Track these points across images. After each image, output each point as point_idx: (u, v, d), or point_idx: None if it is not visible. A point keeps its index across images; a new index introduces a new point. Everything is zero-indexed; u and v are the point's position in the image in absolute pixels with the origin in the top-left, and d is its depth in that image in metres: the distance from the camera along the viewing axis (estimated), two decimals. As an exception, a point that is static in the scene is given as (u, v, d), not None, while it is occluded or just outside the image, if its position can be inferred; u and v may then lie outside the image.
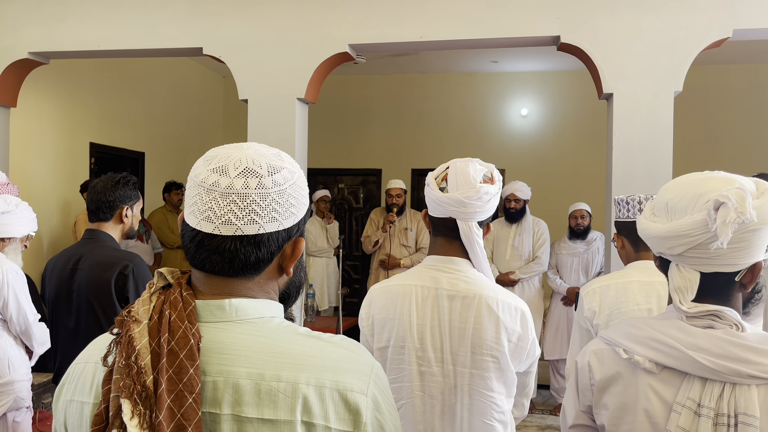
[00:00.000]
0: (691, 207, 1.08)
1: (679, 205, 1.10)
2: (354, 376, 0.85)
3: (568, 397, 1.25)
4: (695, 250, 1.07)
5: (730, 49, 4.93)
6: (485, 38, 3.68)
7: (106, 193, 2.36)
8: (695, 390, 1.05)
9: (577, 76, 6.76)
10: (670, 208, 1.11)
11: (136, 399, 0.79)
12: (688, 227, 1.06)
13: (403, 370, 1.60)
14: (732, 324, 1.06)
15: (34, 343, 2.71)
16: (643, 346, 1.10)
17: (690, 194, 1.09)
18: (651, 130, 3.50)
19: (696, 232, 1.05)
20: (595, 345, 1.21)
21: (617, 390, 1.13)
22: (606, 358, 1.16)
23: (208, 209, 0.86)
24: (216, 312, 0.87)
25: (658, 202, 1.15)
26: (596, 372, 1.17)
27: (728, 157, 6.54)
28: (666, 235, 1.09)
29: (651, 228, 1.13)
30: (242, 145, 0.92)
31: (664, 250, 1.11)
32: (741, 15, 3.40)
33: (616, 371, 1.14)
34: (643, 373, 1.10)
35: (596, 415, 1.18)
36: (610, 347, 1.17)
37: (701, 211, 1.06)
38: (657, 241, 1.12)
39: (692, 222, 1.06)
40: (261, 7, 3.90)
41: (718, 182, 1.08)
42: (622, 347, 1.13)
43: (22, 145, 4.88)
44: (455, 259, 1.61)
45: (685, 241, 1.07)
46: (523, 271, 4.85)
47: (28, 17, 4.14)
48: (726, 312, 1.06)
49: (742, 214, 1.01)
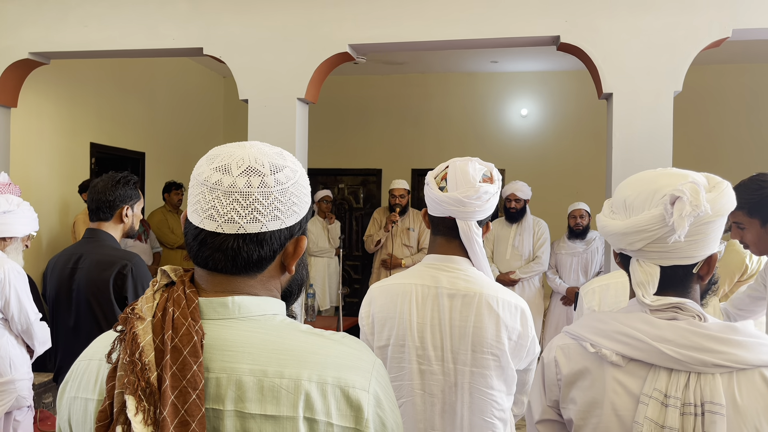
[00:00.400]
0: (648, 203, 1.11)
1: (636, 202, 1.13)
2: (356, 372, 0.86)
3: (533, 392, 1.26)
4: (654, 245, 1.10)
5: (730, 48, 4.94)
6: (485, 38, 3.69)
7: (107, 193, 2.37)
8: (662, 381, 1.07)
9: (576, 76, 6.77)
10: (628, 205, 1.14)
11: (140, 395, 0.79)
12: (646, 222, 1.09)
13: (403, 368, 1.61)
14: (694, 315, 1.09)
15: (35, 342, 2.72)
16: (610, 339, 1.11)
17: (646, 190, 1.12)
18: (651, 130, 3.50)
19: (654, 227, 1.08)
20: (561, 340, 1.22)
21: (585, 384, 1.14)
22: (573, 353, 1.17)
23: (211, 207, 0.87)
24: (219, 309, 0.88)
25: (616, 200, 1.19)
26: (563, 367, 1.18)
27: (727, 157, 6.55)
28: (625, 231, 1.12)
29: (610, 225, 1.16)
30: (245, 144, 0.93)
31: (624, 246, 1.14)
32: (740, 15, 3.40)
33: (584, 366, 1.15)
34: (609, 367, 1.11)
35: (563, 410, 1.19)
36: (576, 342, 1.18)
37: (658, 206, 1.09)
38: (617, 237, 1.14)
39: (650, 217, 1.09)
40: (261, 7, 3.91)
41: (672, 178, 1.12)
42: (589, 341, 1.14)
43: (23, 146, 4.88)
44: (455, 257, 1.62)
45: (644, 236, 1.10)
46: (524, 270, 4.86)
47: (29, 17, 4.15)
48: (688, 303, 1.09)
49: (696, 207, 1.05)
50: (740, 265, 2.93)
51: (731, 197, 1.10)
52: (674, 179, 1.11)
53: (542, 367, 1.23)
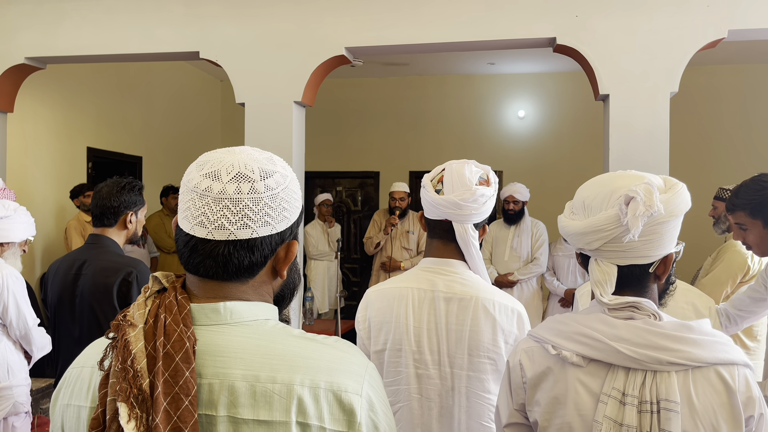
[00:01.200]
0: (605, 203, 1.14)
1: (594, 203, 1.16)
2: (348, 376, 0.86)
3: (501, 396, 1.27)
4: (611, 244, 1.13)
5: (726, 49, 4.95)
6: (481, 40, 3.69)
7: (111, 199, 2.35)
8: (619, 380, 1.09)
9: (573, 78, 6.78)
10: (587, 205, 1.18)
11: (132, 402, 0.79)
12: (602, 222, 1.12)
13: (400, 372, 1.60)
14: (650, 314, 1.11)
15: (33, 347, 2.71)
16: (570, 340, 1.14)
17: (603, 191, 1.16)
18: (647, 131, 3.50)
19: (610, 227, 1.11)
20: (525, 344, 1.24)
21: (548, 385, 1.16)
22: (536, 355, 1.19)
23: (201, 214, 0.87)
24: (211, 315, 0.88)
25: (576, 201, 1.22)
26: (527, 369, 1.20)
27: (723, 157, 6.56)
28: (583, 231, 1.15)
29: (569, 225, 1.19)
30: (234, 150, 0.92)
31: (582, 245, 1.17)
32: (736, 15, 3.41)
33: (547, 367, 1.17)
34: (571, 368, 1.14)
35: (529, 412, 1.20)
36: (539, 344, 1.20)
37: (614, 206, 1.12)
38: (576, 237, 1.17)
39: (606, 217, 1.12)
40: (257, 10, 3.91)
41: (629, 179, 1.15)
42: (551, 343, 1.16)
43: (20, 150, 4.88)
44: (451, 261, 1.61)
45: (601, 235, 1.12)
46: (522, 272, 4.86)
47: (25, 22, 4.15)
48: (644, 303, 1.11)
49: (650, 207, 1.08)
50: (742, 266, 2.94)
51: (686, 198, 1.13)
52: (631, 181, 1.14)
53: (508, 371, 1.25)
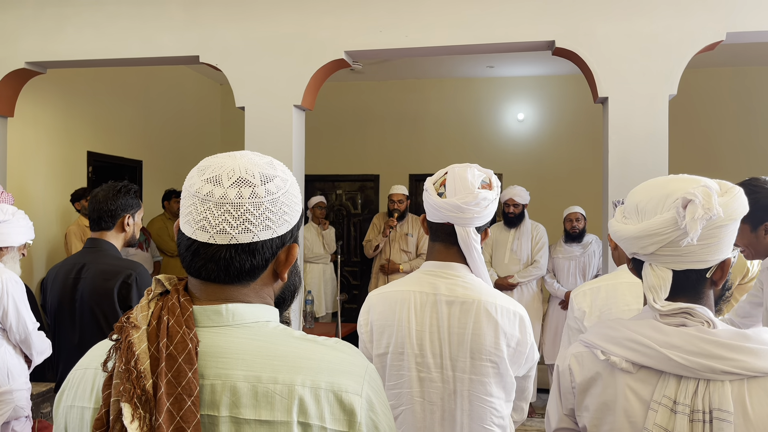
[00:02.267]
0: (660, 207, 1.12)
1: (649, 206, 1.14)
2: (348, 377, 0.87)
3: (551, 401, 1.26)
4: (667, 248, 1.10)
5: (724, 52, 4.96)
6: (480, 44, 3.70)
7: (108, 202, 2.37)
8: (671, 387, 1.07)
9: (573, 80, 6.79)
10: (640, 209, 1.15)
11: (136, 402, 0.80)
12: (658, 226, 1.10)
13: (402, 376, 1.60)
14: (704, 321, 1.09)
15: (33, 351, 2.71)
16: (620, 346, 1.12)
17: (658, 195, 1.13)
18: (646, 134, 3.51)
19: (667, 230, 1.09)
20: (575, 348, 1.23)
21: (597, 391, 1.15)
22: (585, 361, 1.19)
23: (203, 219, 0.88)
24: (213, 317, 0.89)
25: (628, 205, 1.20)
26: (576, 374, 1.19)
27: (723, 159, 6.57)
28: (638, 234, 1.13)
29: (623, 230, 1.17)
30: (235, 154, 0.94)
31: (637, 250, 1.15)
32: (734, 18, 3.42)
33: (596, 372, 1.16)
34: (621, 374, 1.12)
35: (578, 418, 1.20)
36: (588, 349, 1.19)
37: (670, 209, 1.10)
38: (630, 241, 1.15)
39: (662, 221, 1.10)
40: (257, 15, 3.92)
41: (684, 182, 1.13)
42: (600, 349, 1.15)
43: (20, 155, 4.88)
44: (453, 264, 1.62)
45: (657, 239, 1.10)
46: (522, 275, 4.86)
47: (25, 27, 4.15)
48: (698, 309, 1.09)
49: (709, 210, 1.06)
50: (742, 268, 2.98)
51: (743, 202, 1.11)
52: (686, 184, 1.12)
53: (557, 376, 1.24)
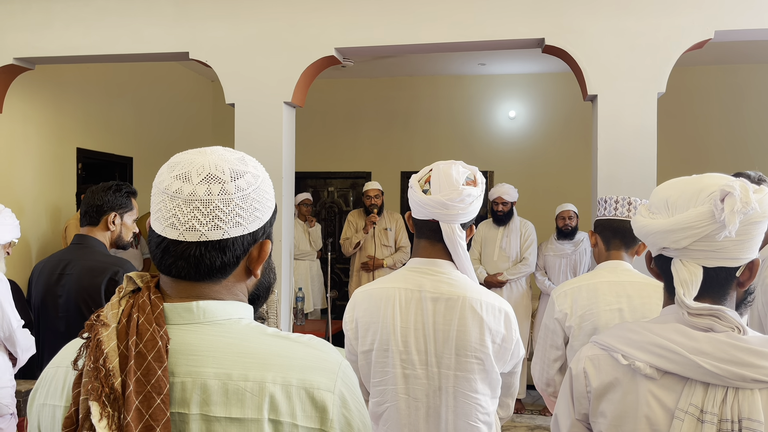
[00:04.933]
0: (693, 201, 1.09)
1: (680, 201, 1.11)
2: (320, 374, 0.87)
3: (561, 405, 1.21)
4: (701, 243, 1.07)
5: (713, 50, 4.99)
6: (470, 41, 3.70)
7: (94, 197, 2.35)
8: (698, 395, 1.04)
9: (564, 78, 6.80)
10: (671, 204, 1.12)
11: (104, 401, 0.80)
12: (693, 219, 1.07)
13: (387, 373, 1.61)
14: (734, 326, 1.05)
15: (18, 349, 2.69)
16: (644, 351, 1.08)
17: (690, 190, 1.11)
18: (635, 131, 3.53)
19: (702, 223, 1.06)
20: (589, 350, 1.17)
21: (616, 397, 1.11)
22: (603, 364, 1.14)
23: (172, 216, 0.88)
24: (184, 314, 0.89)
25: (656, 201, 1.16)
26: (593, 379, 1.14)
27: (711, 157, 6.60)
28: (671, 228, 1.09)
29: (651, 224, 1.13)
30: (206, 150, 0.93)
31: (668, 244, 1.11)
32: (722, 16, 3.44)
33: (614, 377, 1.11)
34: (643, 379, 1.08)
35: (593, 424, 1.15)
36: (606, 353, 1.14)
37: (704, 203, 1.07)
38: (660, 236, 1.11)
39: (697, 213, 1.07)
40: (247, 11, 3.91)
41: (717, 178, 1.11)
42: (621, 352, 1.11)
43: (9, 151, 4.85)
44: (438, 261, 1.62)
45: (692, 233, 1.07)
46: (511, 272, 4.88)
47: (13, 23, 4.12)
48: (728, 313, 1.05)
49: (746, 204, 1.04)
50: None
51: None
52: (719, 180, 1.10)
53: (570, 379, 1.19)
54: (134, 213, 2.45)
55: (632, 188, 3.46)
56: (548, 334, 2.06)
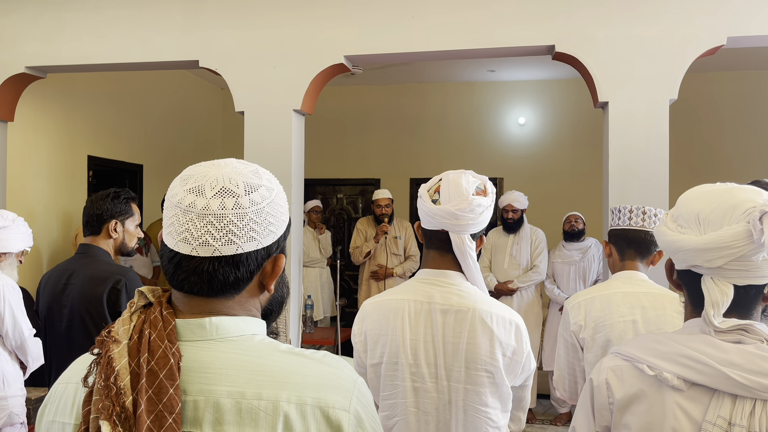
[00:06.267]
0: (727, 218, 1.06)
1: (713, 217, 1.07)
2: (336, 392, 0.85)
3: (580, 417, 1.19)
4: (736, 262, 1.05)
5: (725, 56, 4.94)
6: (479, 48, 3.69)
7: (94, 207, 2.35)
8: (726, 407, 1.02)
9: (574, 85, 6.77)
10: (702, 219, 1.08)
11: (115, 420, 0.78)
12: (730, 239, 1.04)
13: (396, 386, 1.58)
14: (763, 339, 1.04)
15: (29, 358, 2.70)
16: (671, 362, 1.06)
17: (724, 205, 1.07)
18: (647, 138, 3.49)
19: (738, 243, 1.03)
20: (611, 361, 1.15)
21: (641, 409, 1.08)
22: (627, 375, 1.11)
23: (185, 231, 0.86)
24: (196, 331, 0.87)
25: (685, 213, 1.12)
26: (616, 390, 1.12)
27: (724, 164, 6.54)
28: (705, 247, 1.06)
29: (682, 240, 1.09)
30: (219, 163, 0.91)
31: (701, 263, 1.07)
32: (735, 22, 3.41)
33: (639, 389, 1.09)
34: (669, 391, 1.06)
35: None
36: (629, 363, 1.12)
37: (739, 221, 1.05)
38: (693, 253, 1.07)
39: (734, 233, 1.04)
40: (257, 19, 3.92)
41: (749, 192, 1.08)
42: (646, 363, 1.09)
43: (20, 160, 4.88)
44: (448, 272, 1.59)
45: (728, 252, 1.04)
46: (522, 280, 4.84)
47: (25, 32, 4.16)
48: (756, 326, 1.04)
49: None
50: None
51: None
52: (752, 194, 1.07)
53: (591, 390, 1.16)
54: (136, 218, 2.45)
55: (644, 196, 3.42)
56: (569, 348, 2.03)
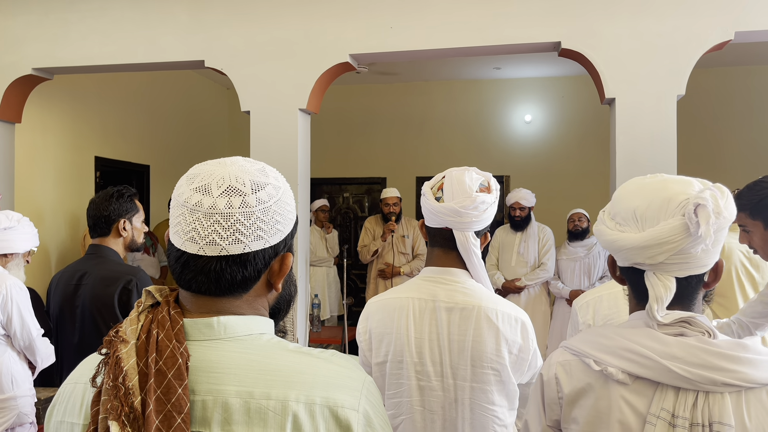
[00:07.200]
0: (663, 213, 1.07)
1: (649, 213, 1.08)
2: (344, 391, 0.84)
3: (531, 412, 1.20)
4: (676, 256, 1.06)
5: (733, 51, 4.90)
6: (485, 45, 3.67)
7: (101, 208, 2.36)
8: (669, 400, 1.03)
9: (580, 81, 6.74)
10: (639, 216, 1.09)
11: (124, 420, 0.78)
12: (668, 234, 1.05)
13: (402, 385, 1.57)
14: (704, 331, 1.06)
15: (37, 358, 2.71)
16: (615, 356, 1.07)
17: (658, 199, 1.08)
18: (654, 135, 3.47)
19: (677, 238, 1.04)
20: (561, 356, 1.16)
21: (588, 403, 1.10)
22: (575, 370, 1.13)
23: (192, 230, 0.86)
24: (204, 330, 0.87)
25: (622, 211, 1.13)
26: (565, 385, 1.13)
27: (732, 160, 6.49)
28: (645, 244, 1.06)
29: (623, 239, 1.10)
30: (225, 161, 0.91)
31: (642, 260, 1.08)
32: (743, 17, 3.37)
33: (587, 383, 1.10)
34: (615, 385, 1.07)
35: (565, 430, 1.14)
36: (577, 358, 1.13)
37: (675, 215, 1.06)
38: (634, 252, 1.08)
39: (671, 228, 1.05)
40: (262, 19, 3.92)
41: (681, 184, 1.09)
42: (593, 358, 1.10)
43: (28, 161, 4.90)
44: (453, 270, 1.59)
45: (668, 248, 1.05)
46: (529, 277, 4.83)
47: (32, 34, 4.18)
48: (698, 318, 1.06)
49: (719, 213, 1.03)
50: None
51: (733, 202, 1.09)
52: (684, 186, 1.08)
53: (541, 385, 1.18)
54: (141, 214, 2.47)
55: (652, 192, 3.39)
56: None
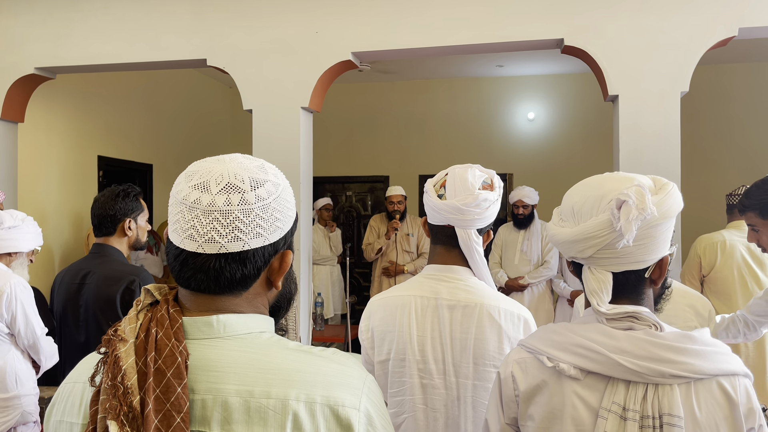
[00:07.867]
0: (595, 209, 1.10)
1: (584, 209, 1.11)
2: (345, 390, 0.84)
3: (490, 410, 1.21)
4: (604, 251, 1.08)
5: (737, 47, 4.88)
6: (488, 43, 3.66)
7: (107, 207, 2.36)
8: (620, 394, 1.04)
9: (583, 79, 6.72)
10: (576, 211, 1.13)
11: (122, 420, 0.78)
12: (594, 229, 1.07)
13: (404, 383, 1.57)
14: (650, 324, 1.07)
15: (41, 357, 2.71)
16: (567, 352, 1.09)
17: (593, 196, 1.11)
18: (658, 131, 3.45)
19: (603, 233, 1.07)
20: (516, 354, 1.18)
21: (543, 399, 1.11)
22: (530, 367, 1.14)
23: (191, 227, 0.85)
24: (203, 329, 0.86)
25: (564, 207, 1.16)
26: (520, 382, 1.14)
27: (737, 157, 6.46)
28: (574, 238, 1.10)
29: (560, 233, 1.14)
30: (224, 158, 0.90)
31: (575, 254, 1.12)
32: (747, 13, 3.35)
33: (541, 380, 1.12)
34: (568, 380, 1.09)
35: (522, 427, 1.15)
36: (532, 355, 1.14)
37: (605, 211, 1.08)
38: (567, 245, 1.12)
39: (597, 223, 1.07)
40: (264, 17, 3.91)
41: (618, 182, 1.10)
42: (546, 355, 1.11)
43: (31, 160, 4.91)
44: (455, 267, 1.58)
45: (594, 242, 1.08)
46: (532, 275, 4.81)
47: (34, 33, 4.18)
48: (644, 312, 1.07)
49: (642, 210, 1.04)
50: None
51: (678, 199, 1.10)
52: (620, 183, 1.10)
53: (499, 384, 1.19)
54: (145, 212, 2.47)
55: (655, 190, 3.38)
56: None
